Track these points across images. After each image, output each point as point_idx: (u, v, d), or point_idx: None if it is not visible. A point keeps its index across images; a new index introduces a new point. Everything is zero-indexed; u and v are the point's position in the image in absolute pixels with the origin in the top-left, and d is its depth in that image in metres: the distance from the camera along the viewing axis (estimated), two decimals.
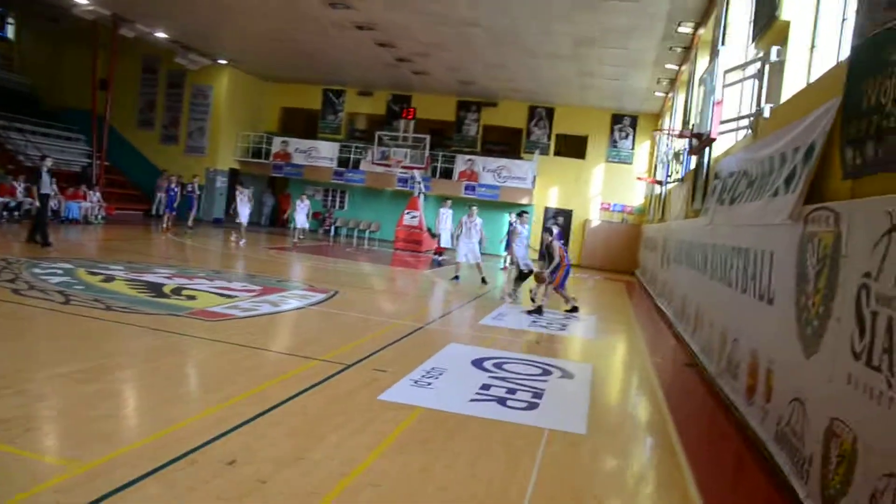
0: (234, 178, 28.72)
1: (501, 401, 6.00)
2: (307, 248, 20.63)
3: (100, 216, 21.50)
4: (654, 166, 23.65)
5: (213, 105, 27.68)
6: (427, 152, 23.80)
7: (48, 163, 14.39)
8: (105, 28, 22.92)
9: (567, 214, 27.23)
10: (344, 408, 5.22)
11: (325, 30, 19.61)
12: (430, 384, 6.29)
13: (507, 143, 29.02)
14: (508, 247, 18.78)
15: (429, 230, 25.02)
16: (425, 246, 24.13)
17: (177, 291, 9.54)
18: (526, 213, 15.57)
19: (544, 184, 27.21)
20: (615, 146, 26.77)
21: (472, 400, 5.93)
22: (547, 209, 27.32)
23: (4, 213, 18.37)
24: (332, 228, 28.54)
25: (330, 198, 29.52)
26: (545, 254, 12.71)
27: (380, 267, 18.38)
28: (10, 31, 29.79)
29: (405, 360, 6.98)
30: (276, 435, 4.47)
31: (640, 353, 9.67)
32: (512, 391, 6.38)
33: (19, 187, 18.85)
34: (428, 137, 24.12)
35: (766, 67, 7.79)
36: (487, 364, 7.36)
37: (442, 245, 20.79)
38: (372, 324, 9.25)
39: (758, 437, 5.42)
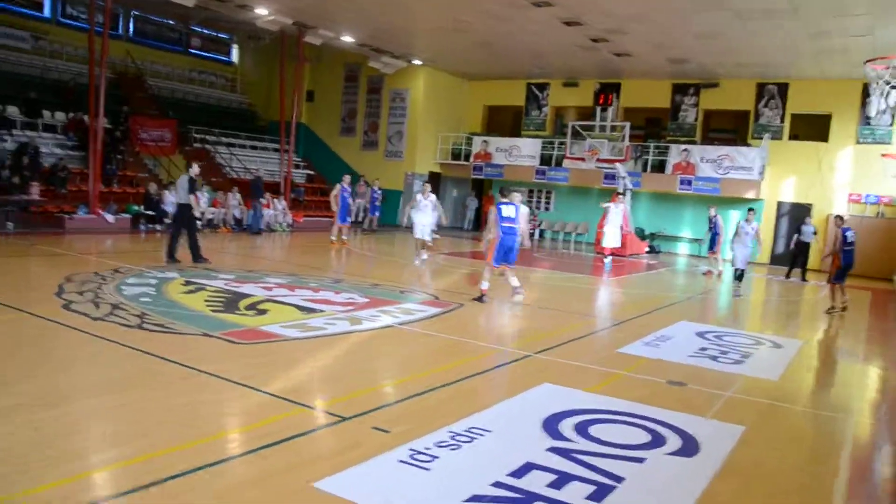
0: (436, 181, 28.96)
1: None
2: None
3: (285, 224, 22.07)
4: None
5: (410, 107, 29.11)
6: (627, 142, 21.94)
7: (193, 170, 13.76)
8: (311, 46, 26.02)
9: (806, 209, 23.85)
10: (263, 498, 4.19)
11: (503, 13, 18.63)
12: (427, 465, 4.73)
13: (732, 130, 27.04)
14: (714, 245, 19.27)
15: (638, 233, 23.14)
16: (630, 249, 22.28)
17: (252, 306, 9.88)
18: (753, 210, 16.59)
19: (777, 174, 25.22)
20: (868, 123, 23.85)
21: None
22: (780, 204, 24.43)
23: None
24: (538, 231, 27.28)
25: (535, 199, 28.36)
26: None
27: (560, 275, 16.85)
28: (234, 55, 34.31)
29: (431, 416, 5.80)
30: None
31: (859, 424, 7.15)
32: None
33: (202, 198, 20.71)
34: (628, 125, 22.90)
35: None
36: (565, 426, 5.75)
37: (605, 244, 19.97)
38: (459, 351, 8.52)
39: None
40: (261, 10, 21.98)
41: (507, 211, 11.54)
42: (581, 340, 9.44)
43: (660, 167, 25.93)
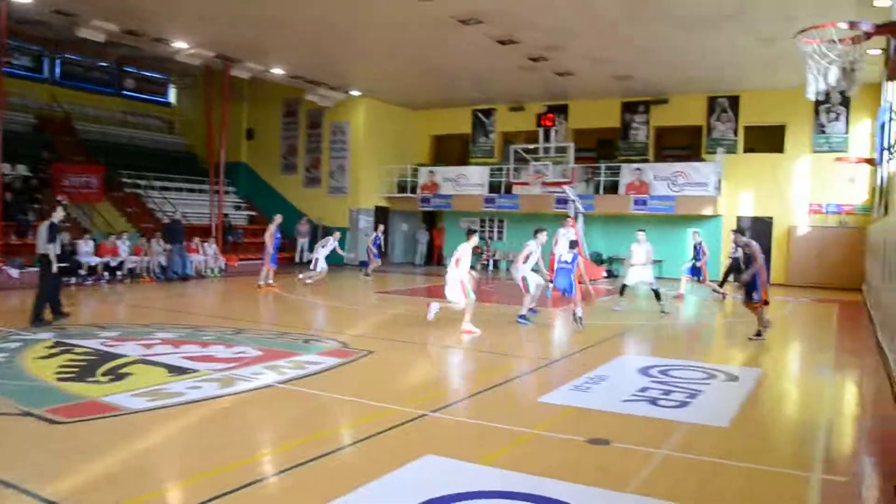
0: (384, 215, 28.65)
1: None
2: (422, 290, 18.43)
3: (216, 269, 20.50)
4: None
5: (352, 141, 27.85)
6: (572, 163, 20.54)
7: (56, 215, 11.93)
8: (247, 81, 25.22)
9: (765, 223, 22.79)
10: None
11: (433, 36, 17.62)
12: None
13: (685, 147, 25.77)
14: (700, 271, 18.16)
15: (594, 257, 21.93)
16: (588, 276, 20.77)
17: (113, 370, 8.34)
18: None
19: (734, 188, 24.03)
20: (822, 132, 22.88)
21: None
22: (740, 219, 23.12)
23: (105, 274, 19.40)
24: (491, 262, 25.93)
25: (487, 229, 27.11)
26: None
27: (505, 308, 15.30)
28: (172, 96, 32.76)
29: None
30: None
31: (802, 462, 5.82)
32: None
33: (122, 245, 19.89)
34: (571, 146, 21.53)
35: None
36: None
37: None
38: (336, 415, 7.06)
39: None
40: (179, 44, 20.50)
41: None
42: (500, 389, 7.87)
43: (613, 188, 24.71)
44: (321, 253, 19.51)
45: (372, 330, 12.53)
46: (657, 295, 14.46)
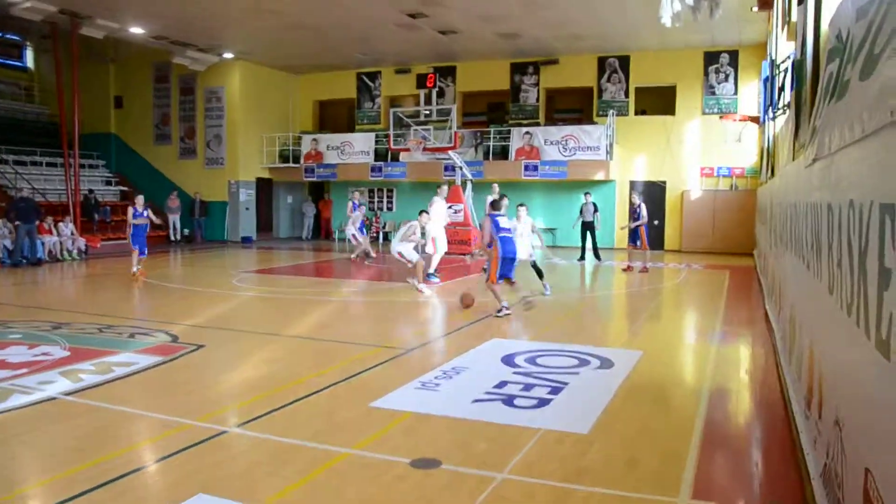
0: (267, 187, 26.99)
1: None
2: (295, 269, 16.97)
3: (74, 251, 18.43)
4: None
5: (228, 107, 25.26)
6: (454, 127, 19.27)
7: None
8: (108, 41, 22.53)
9: (659, 188, 22.22)
10: None
11: None
12: None
13: (577, 110, 24.81)
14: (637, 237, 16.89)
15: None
16: (478, 246, 19.73)
17: None
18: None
19: (626, 152, 23.27)
20: (713, 93, 22.18)
21: None
22: (633, 183, 22.39)
23: None
24: (381, 234, 24.52)
25: (376, 199, 25.60)
26: None
27: (380, 286, 14.00)
28: (30, 60, 29.42)
29: None
30: None
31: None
32: None
33: None
34: (454, 108, 20.33)
35: None
36: None
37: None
38: (109, 438, 5.41)
39: None
40: None
41: (503, 221, 10.69)
42: (331, 390, 6.46)
43: (503, 154, 23.63)
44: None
45: (217, 318, 10.82)
46: (539, 272, 13.30)
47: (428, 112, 20.95)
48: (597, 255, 19.29)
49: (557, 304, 12.21)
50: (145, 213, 15.15)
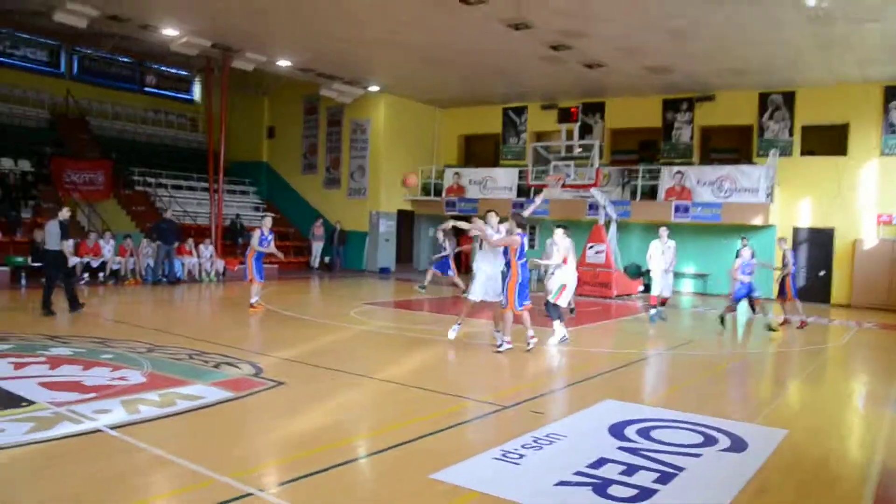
0: (409, 219, 27.58)
1: None
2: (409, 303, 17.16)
3: (212, 273, 19.56)
4: None
5: (372, 140, 25.50)
6: (596, 164, 18.43)
7: (63, 214, 13.10)
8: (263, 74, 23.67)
9: (826, 235, 20.14)
10: None
11: (435, 19, 15.70)
12: None
13: (733, 150, 23.16)
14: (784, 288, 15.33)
15: (633, 269, 19.83)
16: (617, 290, 18.68)
17: None
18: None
19: (789, 196, 21.26)
20: (893, 132, 19.38)
21: None
22: (797, 230, 20.42)
23: (85, 275, 18.26)
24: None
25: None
26: None
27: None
28: (196, 93, 31.65)
29: None
30: None
31: None
32: None
33: (106, 245, 18.68)
34: (596, 143, 19.01)
35: None
36: None
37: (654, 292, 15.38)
38: (132, 489, 4.76)
39: None
40: (170, 32, 18.89)
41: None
42: (398, 450, 5.62)
43: (652, 194, 22.15)
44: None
45: (313, 352, 10.19)
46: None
47: (571, 148, 19.78)
48: (752, 307, 17.34)
49: (696, 359, 10.84)
50: (270, 239, 14.22)
